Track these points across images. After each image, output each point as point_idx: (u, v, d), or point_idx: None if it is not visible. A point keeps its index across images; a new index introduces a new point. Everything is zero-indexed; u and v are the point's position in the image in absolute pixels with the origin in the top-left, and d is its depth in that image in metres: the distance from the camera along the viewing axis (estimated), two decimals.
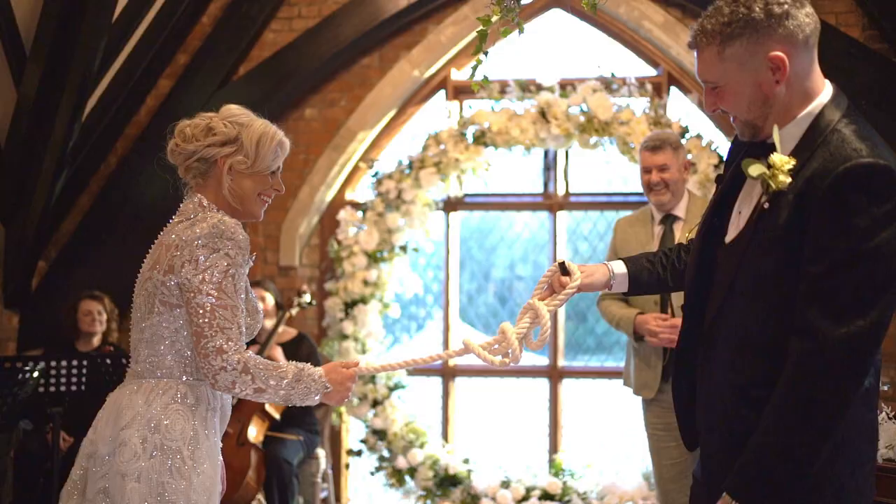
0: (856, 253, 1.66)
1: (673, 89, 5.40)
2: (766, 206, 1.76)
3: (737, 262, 1.81)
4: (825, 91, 1.81)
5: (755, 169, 1.76)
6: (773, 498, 1.71)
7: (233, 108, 2.30)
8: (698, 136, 5.05)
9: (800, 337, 1.70)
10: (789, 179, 1.73)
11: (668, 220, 3.64)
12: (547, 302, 2.15)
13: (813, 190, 1.70)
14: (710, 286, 1.91)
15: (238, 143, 2.23)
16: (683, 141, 5.05)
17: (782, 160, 1.74)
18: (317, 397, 2.20)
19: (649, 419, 3.67)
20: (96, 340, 4.82)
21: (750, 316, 1.79)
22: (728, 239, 1.89)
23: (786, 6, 1.75)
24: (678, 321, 3.46)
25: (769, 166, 1.75)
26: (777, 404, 1.71)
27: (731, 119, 1.87)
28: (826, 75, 1.86)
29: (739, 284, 1.81)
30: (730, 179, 1.94)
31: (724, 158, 2.22)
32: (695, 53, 1.85)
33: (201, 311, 2.08)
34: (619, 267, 2.19)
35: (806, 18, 1.77)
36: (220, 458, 2.26)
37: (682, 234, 3.60)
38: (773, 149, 1.78)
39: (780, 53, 1.75)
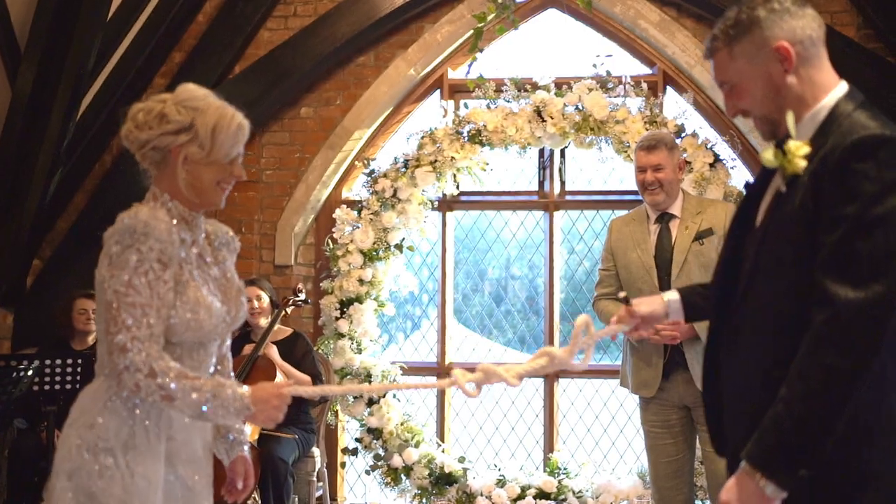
0: (867, 218, 1.69)
1: (668, 88, 5.40)
2: (784, 190, 1.82)
3: (757, 247, 1.88)
4: (840, 87, 1.88)
5: (770, 154, 1.83)
6: (790, 464, 1.71)
7: (189, 89, 2.13)
8: (693, 135, 5.05)
9: (818, 307, 1.71)
10: (804, 163, 1.78)
11: (665, 218, 3.65)
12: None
13: (824, 167, 1.75)
14: (730, 271, 1.98)
15: (193, 130, 2.07)
16: (678, 140, 5.06)
17: (797, 145, 1.80)
18: (236, 417, 2.04)
19: (647, 417, 3.67)
20: (91, 339, 4.80)
21: (772, 297, 1.82)
22: (758, 224, 1.96)
23: (787, 4, 1.87)
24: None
25: (784, 153, 1.81)
26: (795, 373, 1.71)
27: (753, 121, 1.94)
28: None
29: (761, 268, 1.86)
30: (761, 176, 2.00)
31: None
32: (711, 64, 1.95)
33: (109, 308, 1.96)
34: (672, 294, 2.27)
35: (809, 15, 1.88)
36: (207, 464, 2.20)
37: (678, 232, 3.61)
38: None
39: (784, 43, 1.84)
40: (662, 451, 3.62)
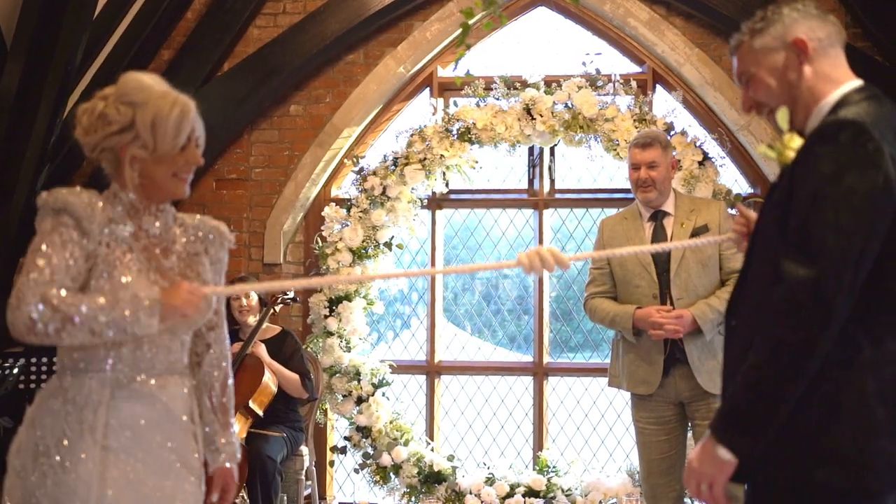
0: (821, 196, 1.73)
1: (658, 87, 5.41)
2: (776, 181, 1.92)
3: (753, 238, 1.98)
4: (851, 83, 1.93)
5: (763, 147, 1.91)
6: (739, 431, 1.79)
7: (129, 81, 2.04)
8: (682, 133, 5.06)
9: (775, 286, 1.77)
10: (794, 155, 1.84)
11: (659, 216, 3.66)
12: None
13: (802, 151, 1.82)
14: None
15: (134, 129, 1.99)
16: (668, 139, 5.06)
17: (789, 137, 1.87)
18: (150, 318, 1.91)
19: (640, 414, 3.67)
20: None
21: (760, 285, 1.88)
22: None
23: (811, 8, 1.98)
24: (683, 311, 3.48)
25: (772, 146, 1.90)
26: (753, 348, 1.79)
27: (766, 116, 1.99)
28: None
29: (754, 257, 1.95)
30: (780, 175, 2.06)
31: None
32: (734, 61, 2.02)
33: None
34: None
35: (830, 21, 1.98)
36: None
37: (674, 228, 3.62)
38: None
39: (802, 37, 1.93)
40: (656, 448, 3.62)
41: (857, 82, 1.93)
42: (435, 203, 5.52)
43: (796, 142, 1.84)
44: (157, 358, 2.07)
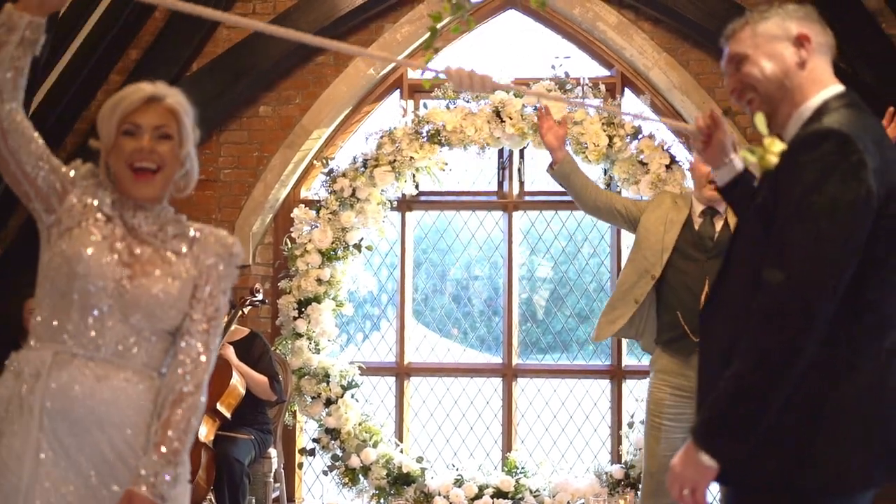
0: (803, 206, 1.76)
1: (626, 90, 5.46)
2: (757, 186, 1.95)
3: (730, 244, 2.00)
4: (833, 87, 1.96)
5: (745, 152, 1.90)
6: (721, 437, 1.80)
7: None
8: (650, 137, 5.11)
9: (757, 293, 1.78)
10: (776, 160, 1.83)
11: (709, 213, 3.68)
12: None
13: (786, 157, 1.81)
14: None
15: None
16: (636, 141, 5.11)
17: (770, 141, 1.86)
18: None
19: (660, 409, 3.62)
20: None
21: (738, 290, 1.89)
22: None
23: (815, 16, 2.02)
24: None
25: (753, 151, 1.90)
26: (736, 355, 1.80)
27: (748, 106, 2.00)
28: None
29: (731, 263, 1.96)
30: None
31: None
32: (725, 49, 2.03)
33: None
34: (740, 163, 2.23)
35: (829, 33, 2.02)
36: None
37: (721, 228, 3.63)
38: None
39: (807, 32, 1.96)
40: (669, 444, 3.58)
41: (839, 87, 1.96)
42: (405, 205, 5.52)
43: (778, 146, 1.83)
44: (103, 340, 1.97)
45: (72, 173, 2.04)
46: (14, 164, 1.96)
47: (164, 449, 1.94)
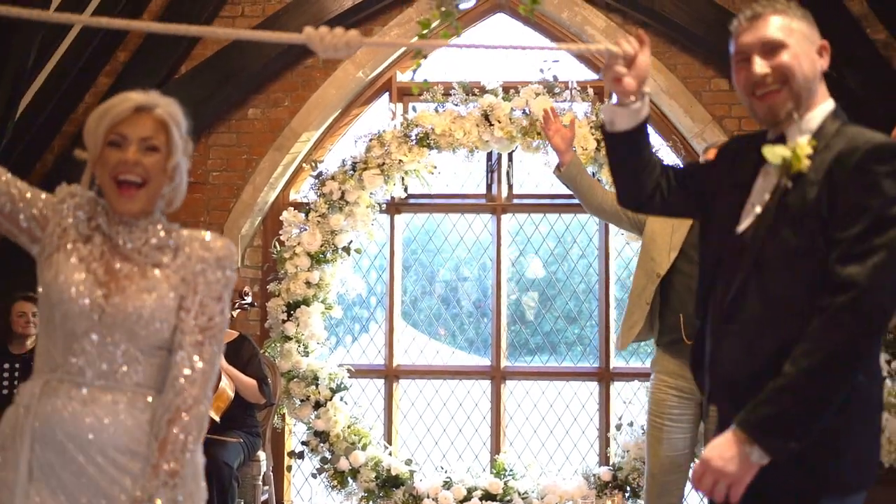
0: (885, 217, 1.82)
1: (614, 94, 5.47)
2: (789, 185, 1.92)
3: (762, 240, 1.94)
4: (830, 101, 2.02)
5: (777, 152, 1.92)
6: (782, 435, 1.81)
7: None
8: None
9: (834, 293, 1.81)
10: (808, 162, 1.90)
11: None
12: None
13: (842, 167, 1.86)
14: (718, 272, 2.04)
15: None
16: None
17: (803, 145, 1.92)
18: None
19: (663, 409, 3.63)
20: (30, 343, 4.71)
21: (778, 286, 1.91)
22: (742, 228, 2.01)
23: None
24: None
25: (784, 152, 1.93)
26: (802, 351, 1.81)
27: (765, 97, 1.96)
28: None
29: (766, 259, 1.93)
30: (734, 180, 2.07)
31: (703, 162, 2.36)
32: (756, 23, 1.98)
33: None
34: (645, 107, 2.11)
35: (827, 48, 2.05)
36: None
37: None
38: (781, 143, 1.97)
39: (825, 42, 2.01)
40: (671, 445, 3.61)
41: (832, 102, 2.01)
42: (393, 208, 5.53)
43: (808, 150, 1.90)
44: (88, 364, 1.93)
45: (48, 197, 1.99)
46: None
47: (160, 471, 1.89)
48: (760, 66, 1.95)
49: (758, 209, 1.98)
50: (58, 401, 1.91)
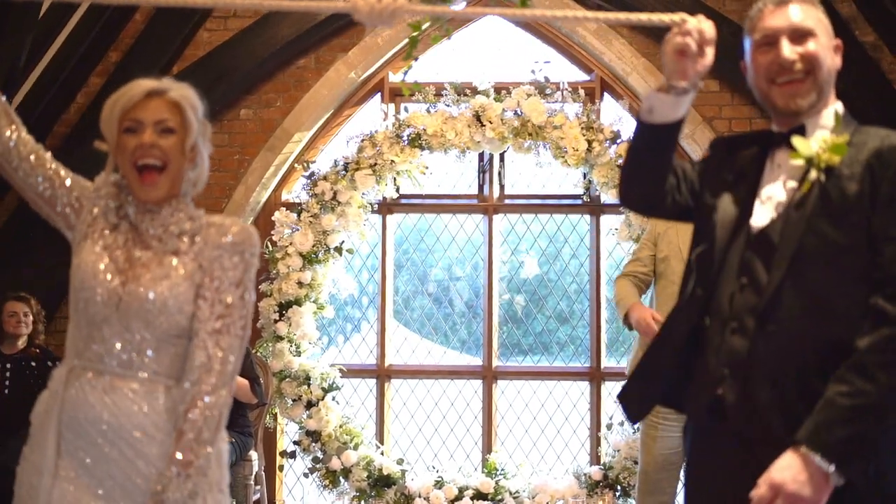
0: None
1: (606, 95, 5.51)
2: (822, 179, 1.84)
3: (797, 235, 1.84)
4: (839, 102, 1.99)
5: (806, 146, 1.86)
6: (863, 455, 1.74)
7: None
8: (629, 141, 5.14)
9: (887, 301, 1.75)
10: (838, 157, 1.84)
11: None
12: None
13: (884, 163, 1.81)
14: (724, 268, 1.94)
15: None
16: (614, 146, 5.16)
17: (831, 139, 1.86)
18: None
19: (662, 409, 3.56)
20: (21, 343, 4.71)
21: (823, 283, 1.82)
22: (760, 223, 1.92)
23: None
24: None
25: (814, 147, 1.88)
26: (877, 364, 1.73)
27: (789, 84, 1.90)
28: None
29: (807, 255, 1.83)
30: (735, 175, 2.02)
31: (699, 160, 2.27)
32: (784, 8, 1.92)
33: None
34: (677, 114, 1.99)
35: None
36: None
37: None
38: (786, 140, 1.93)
39: (839, 42, 1.97)
40: (664, 444, 3.64)
41: (841, 103, 1.99)
42: (385, 208, 5.55)
43: (841, 147, 1.84)
44: (108, 351, 1.93)
45: (86, 185, 2.03)
46: (31, 192, 2.01)
47: (176, 462, 1.88)
48: (790, 50, 1.88)
49: (776, 202, 1.91)
50: (81, 387, 1.93)
